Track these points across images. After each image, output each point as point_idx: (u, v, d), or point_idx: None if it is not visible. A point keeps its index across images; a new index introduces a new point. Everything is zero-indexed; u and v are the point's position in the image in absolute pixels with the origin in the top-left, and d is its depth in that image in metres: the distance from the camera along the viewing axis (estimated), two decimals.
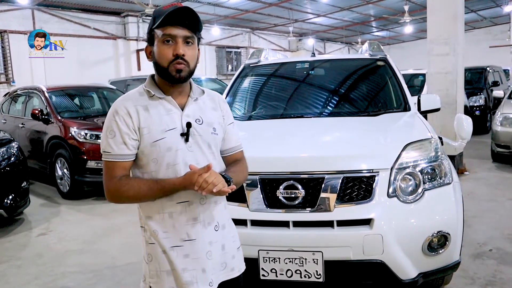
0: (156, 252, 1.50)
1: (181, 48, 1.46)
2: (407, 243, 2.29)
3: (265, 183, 2.42)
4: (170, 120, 1.49)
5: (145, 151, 1.47)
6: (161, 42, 1.47)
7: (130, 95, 1.53)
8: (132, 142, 1.46)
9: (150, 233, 1.51)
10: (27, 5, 11.61)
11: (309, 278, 2.30)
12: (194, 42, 1.51)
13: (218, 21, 16.22)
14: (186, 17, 1.45)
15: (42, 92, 6.74)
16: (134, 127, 1.46)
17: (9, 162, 4.72)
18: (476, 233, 3.95)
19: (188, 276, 1.49)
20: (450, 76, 6.24)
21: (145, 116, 1.47)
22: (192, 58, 1.50)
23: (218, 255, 1.56)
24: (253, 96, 3.95)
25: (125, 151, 1.46)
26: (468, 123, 3.94)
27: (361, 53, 4.35)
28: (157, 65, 1.50)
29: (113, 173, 1.47)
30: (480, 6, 17.18)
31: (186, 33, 1.47)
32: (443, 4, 6.21)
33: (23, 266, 3.75)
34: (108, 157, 1.47)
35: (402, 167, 2.42)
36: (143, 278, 1.57)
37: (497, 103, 9.65)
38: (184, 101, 1.54)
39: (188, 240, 1.49)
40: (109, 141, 1.46)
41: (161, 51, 1.47)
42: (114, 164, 1.47)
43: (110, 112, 1.50)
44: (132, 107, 1.47)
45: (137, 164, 1.51)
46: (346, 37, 22.76)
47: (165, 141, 1.46)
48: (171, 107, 1.50)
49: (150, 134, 1.46)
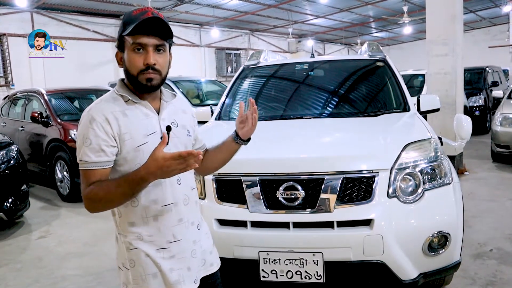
0: (139, 257, 1.48)
1: (151, 57, 1.44)
2: (408, 243, 2.29)
3: (265, 184, 2.41)
4: (149, 124, 1.48)
5: (128, 157, 1.44)
6: (131, 50, 1.44)
7: (105, 100, 1.49)
8: (110, 149, 1.42)
9: (132, 238, 1.49)
10: (26, 8, 11.60)
11: (310, 279, 2.30)
12: (165, 49, 1.49)
13: (218, 23, 16.23)
14: (157, 25, 1.43)
15: (42, 95, 6.74)
16: (113, 134, 1.42)
17: (8, 165, 4.71)
18: (476, 233, 3.94)
19: (175, 276, 1.50)
20: (449, 76, 6.24)
21: (124, 121, 1.44)
22: (163, 66, 1.49)
23: (200, 253, 1.59)
24: (252, 97, 3.94)
25: (103, 158, 1.42)
26: (467, 123, 3.94)
27: (360, 54, 4.35)
28: (127, 73, 1.48)
29: (90, 181, 1.41)
30: (479, 7, 17.20)
31: (157, 42, 1.45)
32: (442, 4, 6.22)
33: (23, 269, 3.75)
34: (85, 165, 1.42)
35: (402, 168, 2.42)
36: (124, 286, 1.54)
37: (496, 103, 9.66)
38: (157, 105, 1.54)
39: (174, 242, 1.50)
40: (85, 150, 1.41)
41: (132, 59, 1.45)
42: (91, 172, 1.41)
43: (86, 119, 1.44)
44: (109, 113, 1.43)
45: (118, 171, 1.46)
46: (345, 38, 22.78)
47: (148, 146, 1.43)
48: (148, 112, 1.50)
49: (132, 140, 1.43)
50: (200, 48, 16.92)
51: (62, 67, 11.97)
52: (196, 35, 16.79)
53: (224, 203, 2.49)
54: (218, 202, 2.50)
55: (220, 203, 2.49)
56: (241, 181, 2.45)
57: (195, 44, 16.70)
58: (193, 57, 16.52)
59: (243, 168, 2.48)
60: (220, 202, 2.50)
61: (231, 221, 2.45)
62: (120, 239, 1.54)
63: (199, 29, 16.79)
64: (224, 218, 2.46)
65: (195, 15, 14.79)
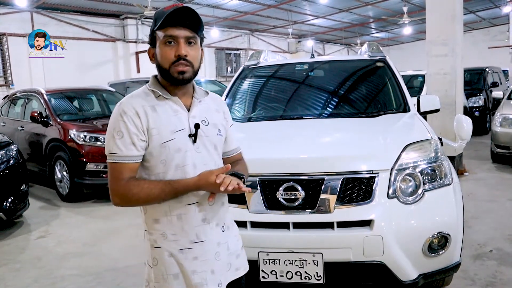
0: (162, 256, 1.48)
1: (183, 48, 1.44)
2: (408, 244, 2.29)
3: (265, 184, 2.41)
4: (178, 121, 1.47)
5: (153, 152, 1.44)
6: (163, 44, 1.45)
7: (136, 95, 1.50)
8: (140, 143, 1.43)
9: (157, 236, 1.49)
10: (26, 8, 11.61)
11: (309, 279, 2.30)
12: (197, 42, 1.49)
13: (217, 23, 16.23)
14: (187, 17, 1.44)
15: (41, 94, 6.73)
16: (143, 128, 1.42)
17: (8, 164, 4.70)
18: (476, 234, 3.94)
19: (198, 278, 1.47)
20: (449, 77, 6.24)
21: (153, 116, 1.44)
22: (195, 58, 1.49)
23: (225, 256, 1.56)
24: (252, 97, 3.95)
25: (134, 152, 1.42)
26: (468, 123, 3.93)
27: (360, 55, 4.35)
28: (160, 67, 1.48)
29: (121, 175, 1.42)
30: (478, 7, 17.22)
31: (188, 33, 1.45)
32: (441, 5, 6.22)
33: (22, 269, 3.74)
34: (115, 158, 1.42)
35: (402, 168, 2.42)
36: (146, 282, 1.55)
37: (496, 103, 9.66)
38: (188, 102, 1.53)
39: (197, 242, 1.48)
40: (117, 142, 1.41)
41: (163, 52, 1.45)
42: (122, 165, 1.42)
43: (117, 112, 1.45)
44: (140, 107, 1.44)
45: (143, 165, 1.48)
46: (345, 38, 22.80)
47: (174, 142, 1.44)
48: (177, 108, 1.49)
49: (159, 135, 1.43)
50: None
51: (62, 67, 11.98)
52: None
53: None
54: None
55: None
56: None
57: None
58: None
59: None
60: None
61: None
62: (146, 236, 1.54)
63: None
64: None
65: None
